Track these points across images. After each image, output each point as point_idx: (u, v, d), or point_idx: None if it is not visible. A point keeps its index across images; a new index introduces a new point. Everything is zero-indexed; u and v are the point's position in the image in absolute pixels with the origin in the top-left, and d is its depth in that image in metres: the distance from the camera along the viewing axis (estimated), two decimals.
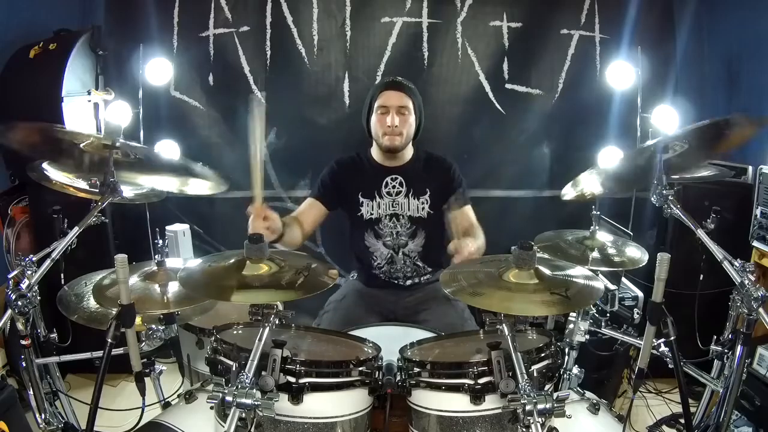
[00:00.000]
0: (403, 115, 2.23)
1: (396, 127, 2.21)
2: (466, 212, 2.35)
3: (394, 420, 1.55)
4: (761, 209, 2.37)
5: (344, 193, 2.32)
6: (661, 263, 1.35)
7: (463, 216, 2.36)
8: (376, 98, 2.27)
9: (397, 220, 2.30)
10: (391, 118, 2.21)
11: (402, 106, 2.23)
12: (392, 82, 2.29)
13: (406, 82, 2.31)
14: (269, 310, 1.43)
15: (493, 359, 1.38)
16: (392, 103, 2.23)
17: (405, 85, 2.28)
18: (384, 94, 2.25)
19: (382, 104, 2.24)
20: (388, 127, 2.22)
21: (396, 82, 2.29)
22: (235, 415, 1.26)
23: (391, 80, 2.31)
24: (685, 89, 3.06)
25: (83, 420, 1.67)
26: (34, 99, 2.60)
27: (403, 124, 2.23)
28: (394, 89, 2.26)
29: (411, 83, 2.32)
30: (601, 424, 1.71)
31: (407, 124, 2.25)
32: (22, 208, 2.65)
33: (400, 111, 2.23)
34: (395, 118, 2.21)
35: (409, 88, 2.28)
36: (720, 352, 1.71)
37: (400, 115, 2.23)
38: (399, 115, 2.23)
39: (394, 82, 2.30)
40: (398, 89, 2.26)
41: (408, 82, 2.31)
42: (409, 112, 2.25)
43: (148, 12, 2.91)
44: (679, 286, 1.94)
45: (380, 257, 2.33)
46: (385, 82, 2.33)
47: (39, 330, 1.77)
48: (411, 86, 2.30)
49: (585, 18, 3.04)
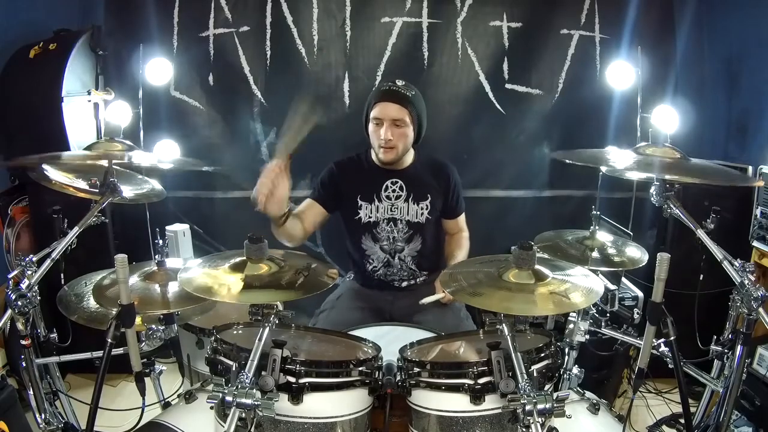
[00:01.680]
0: (398, 127, 2.12)
1: (390, 141, 2.11)
2: (459, 220, 2.40)
3: (394, 420, 1.55)
4: (761, 209, 2.37)
5: (343, 196, 2.28)
6: (661, 263, 1.35)
7: (456, 223, 2.39)
8: (372, 107, 2.16)
9: (395, 224, 2.27)
10: (384, 131, 2.11)
11: (397, 119, 2.11)
12: (389, 92, 2.14)
13: (405, 90, 2.15)
14: (269, 310, 1.43)
15: (492, 359, 1.38)
16: (387, 115, 2.11)
17: (403, 95, 2.13)
18: (379, 106, 2.12)
19: (376, 116, 2.13)
20: (381, 140, 2.13)
21: (392, 92, 2.13)
22: (235, 415, 1.26)
23: (388, 88, 2.15)
24: (685, 89, 3.06)
25: (83, 420, 1.67)
26: (34, 99, 2.60)
27: (398, 138, 2.13)
28: (391, 100, 2.11)
29: (412, 89, 2.19)
30: (601, 424, 1.71)
31: (403, 137, 2.14)
32: (22, 208, 2.65)
33: (395, 123, 2.11)
34: (389, 131, 2.10)
35: (406, 99, 2.13)
36: (720, 352, 1.71)
37: (395, 128, 2.12)
38: (394, 127, 2.11)
39: (390, 91, 2.14)
40: (395, 100, 2.11)
41: (408, 90, 2.17)
42: (406, 124, 2.13)
43: (148, 12, 2.91)
44: (679, 286, 1.93)
45: (377, 260, 2.31)
46: (382, 91, 2.16)
47: (39, 330, 1.77)
48: (410, 94, 2.15)
49: (585, 18, 3.04)
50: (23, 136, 2.62)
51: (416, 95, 2.19)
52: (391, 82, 2.19)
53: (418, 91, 2.23)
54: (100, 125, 2.82)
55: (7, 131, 2.65)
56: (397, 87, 2.15)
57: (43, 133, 2.60)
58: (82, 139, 2.64)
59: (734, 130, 3.00)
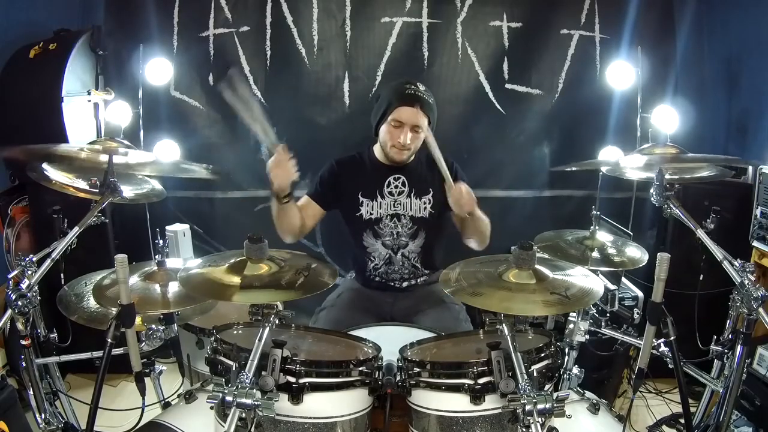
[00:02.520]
0: (416, 132, 2.13)
1: (408, 144, 2.14)
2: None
3: (394, 420, 1.56)
4: (761, 209, 2.37)
5: (343, 193, 2.29)
6: (661, 263, 1.35)
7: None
8: (392, 108, 2.13)
9: (399, 220, 2.27)
10: (404, 136, 2.12)
11: (417, 125, 2.12)
12: (413, 97, 2.11)
13: (427, 96, 2.14)
14: (269, 310, 1.43)
15: (492, 359, 1.38)
16: (409, 120, 2.11)
17: (426, 101, 2.13)
18: (401, 109, 2.11)
19: (396, 118, 2.12)
20: (398, 142, 2.14)
21: (417, 98, 2.11)
22: (235, 415, 1.26)
23: (413, 92, 2.12)
24: (685, 89, 3.06)
25: (83, 420, 1.68)
26: (34, 99, 2.60)
27: (414, 141, 2.15)
28: (414, 105, 2.10)
29: (431, 95, 2.17)
30: (601, 424, 1.71)
31: (417, 140, 2.16)
32: (22, 208, 2.65)
33: (414, 129, 2.12)
34: (408, 135, 2.12)
35: (428, 104, 2.14)
36: (720, 352, 1.71)
37: (414, 132, 2.13)
38: (412, 132, 2.13)
39: (415, 96, 2.11)
40: (417, 106, 2.10)
41: (428, 95, 2.15)
42: (423, 129, 2.13)
43: (148, 12, 2.90)
44: (679, 286, 1.94)
45: (378, 257, 2.31)
46: (405, 95, 2.12)
47: (39, 330, 1.77)
48: (431, 101, 2.16)
49: (585, 18, 3.04)
50: (23, 136, 2.61)
51: (434, 102, 2.20)
52: (413, 86, 2.15)
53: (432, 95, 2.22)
54: (100, 125, 2.82)
55: (7, 131, 2.65)
56: (420, 92, 2.14)
57: (43, 133, 2.60)
58: (82, 139, 2.64)
59: (734, 130, 3.00)
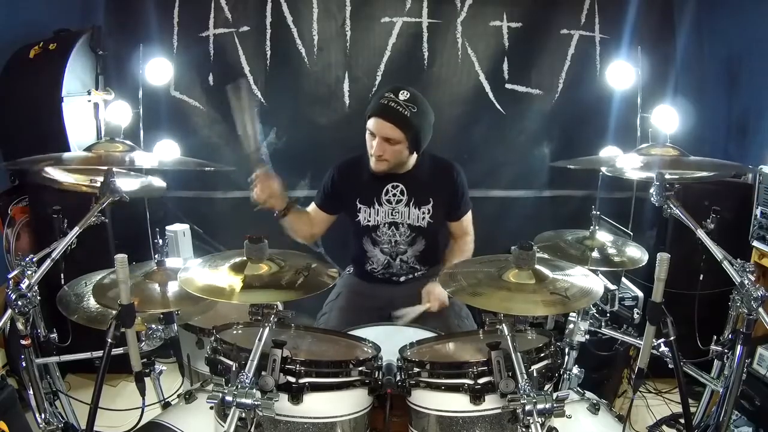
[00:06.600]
0: (391, 144, 2.07)
1: (380, 155, 2.08)
2: (464, 221, 2.37)
3: (394, 420, 1.55)
4: (761, 209, 2.37)
5: (343, 199, 2.30)
6: (661, 263, 1.35)
7: (460, 225, 2.38)
8: (367, 117, 2.11)
9: (396, 228, 2.25)
10: (376, 147, 2.07)
11: (388, 138, 2.05)
12: (386, 109, 2.03)
13: (405, 108, 2.02)
14: (269, 310, 1.43)
15: (492, 359, 1.38)
16: (379, 131, 2.05)
17: (401, 115, 2.02)
18: (374, 120, 2.06)
19: (369, 128, 2.09)
20: (372, 152, 2.11)
21: (389, 110, 2.02)
22: (235, 415, 1.26)
23: (386, 103, 2.04)
24: (685, 89, 3.06)
25: (83, 420, 1.67)
26: (34, 99, 2.60)
27: (390, 153, 2.08)
28: (386, 119, 2.03)
29: (413, 106, 2.04)
30: (601, 424, 1.71)
31: (394, 152, 2.09)
32: (22, 208, 2.65)
33: (387, 141, 2.06)
34: (380, 146, 2.06)
35: (403, 120, 2.02)
36: (720, 352, 1.71)
37: (387, 144, 2.06)
38: (386, 144, 2.06)
39: (388, 108, 2.03)
40: (390, 119, 2.02)
41: (408, 108, 2.03)
42: (399, 142, 2.06)
43: (148, 12, 2.91)
44: (679, 286, 1.94)
45: (377, 262, 2.31)
46: (379, 104, 2.05)
47: (39, 330, 1.77)
48: (408, 113, 2.02)
49: (585, 18, 3.04)
50: (23, 136, 2.61)
51: (416, 113, 2.05)
52: (392, 94, 2.05)
53: (421, 104, 2.08)
54: (100, 125, 2.82)
55: (7, 131, 2.65)
56: (396, 103, 2.03)
57: (43, 133, 2.60)
58: (82, 139, 2.64)
59: (734, 130, 3.00)
